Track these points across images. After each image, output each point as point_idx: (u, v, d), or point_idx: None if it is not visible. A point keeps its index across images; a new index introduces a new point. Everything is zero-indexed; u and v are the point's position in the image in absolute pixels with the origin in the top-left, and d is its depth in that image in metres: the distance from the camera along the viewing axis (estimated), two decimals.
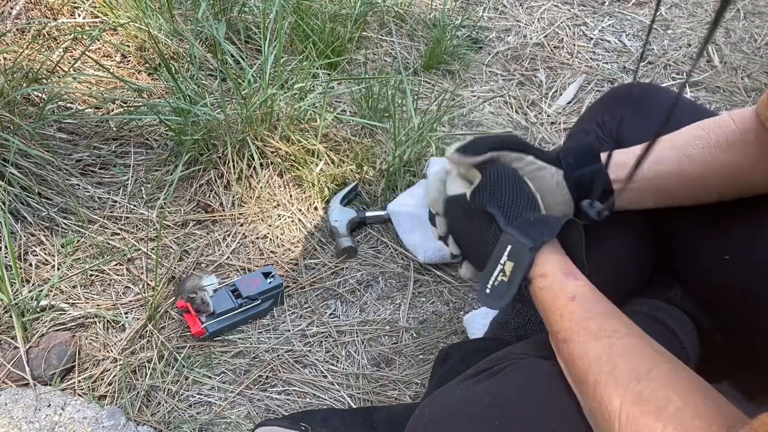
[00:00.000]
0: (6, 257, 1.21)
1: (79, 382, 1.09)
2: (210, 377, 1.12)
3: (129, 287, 1.23)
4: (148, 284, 1.23)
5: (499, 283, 0.68)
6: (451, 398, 0.65)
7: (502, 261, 0.68)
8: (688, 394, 0.52)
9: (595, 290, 0.65)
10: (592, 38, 1.90)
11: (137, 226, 1.33)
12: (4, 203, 1.24)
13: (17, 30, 1.59)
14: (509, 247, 0.68)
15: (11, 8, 1.60)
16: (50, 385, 1.08)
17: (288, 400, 1.10)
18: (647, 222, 0.86)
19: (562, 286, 0.64)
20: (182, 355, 1.13)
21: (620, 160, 0.80)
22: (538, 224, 0.68)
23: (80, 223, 1.30)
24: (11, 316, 1.13)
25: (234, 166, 1.36)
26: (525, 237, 0.67)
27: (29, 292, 1.18)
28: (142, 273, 1.25)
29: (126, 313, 1.19)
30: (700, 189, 0.79)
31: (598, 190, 0.78)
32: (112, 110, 1.53)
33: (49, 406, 1.04)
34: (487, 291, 0.69)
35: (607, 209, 0.78)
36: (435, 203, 0.79)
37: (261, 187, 1.37)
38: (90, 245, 1.27)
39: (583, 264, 0.68)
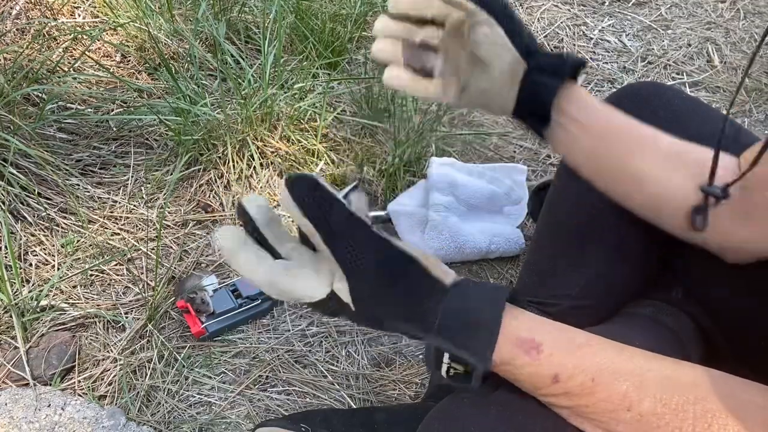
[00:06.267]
0: (6, 257, 1.21)
1: (79, 382, 1.09)
2: (210, 377, 1.12)
3: (129, 287, 1.23)
4: (148, 284, 1.23)
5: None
6: (461, 411, 0.60)
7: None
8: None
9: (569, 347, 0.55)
10: (592, 38, 1.90)
11: (137, 226, 1.33)
12: (3, 203, 1.24)
13: (17, 30, 1.59)
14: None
15: (11, 8, 1.60)
16: (50, 385, 1.08)
17: (288, 400, 1.10)
18: (646, 236, 0.83)
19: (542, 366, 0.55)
20: (182, 355, 1.13)
21: (579, 96, 0.65)
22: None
23: (80, 223, 1.30)
24: (11, 316, 1.12)
25: (234, 166, 1.36)
26: None
27: (29, 292, 1.18)
28: (142, 273, 1.25)
29: (126, 313, 1.18)
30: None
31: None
32: (112, 110, 1.53)
33: (49, 406, 1.04)
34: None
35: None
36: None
37: (261, 187, 1.37)
38: (90, 245, 1.27)
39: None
